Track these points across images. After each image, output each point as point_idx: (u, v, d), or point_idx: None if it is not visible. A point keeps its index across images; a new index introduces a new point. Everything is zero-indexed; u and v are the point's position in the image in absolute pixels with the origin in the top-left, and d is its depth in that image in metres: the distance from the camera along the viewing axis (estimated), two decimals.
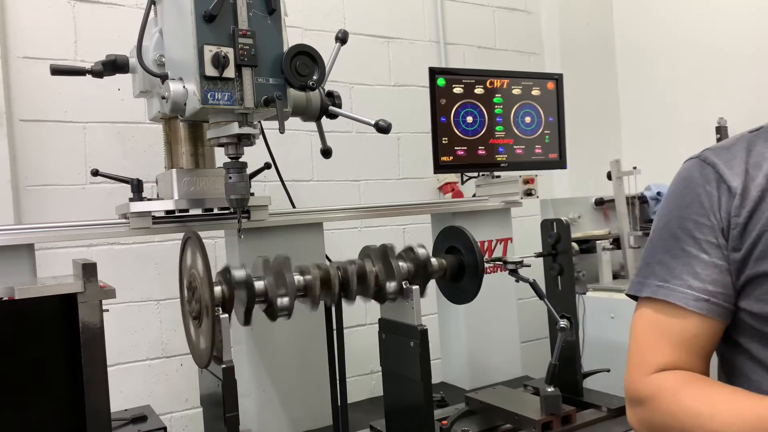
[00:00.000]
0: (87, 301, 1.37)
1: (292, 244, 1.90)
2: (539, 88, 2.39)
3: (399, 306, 1.63)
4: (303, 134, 2.65)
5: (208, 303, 1.34)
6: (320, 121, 1.89)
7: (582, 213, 2.93)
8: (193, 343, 1.50)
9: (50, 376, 1.39)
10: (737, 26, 2.89)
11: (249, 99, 1.43)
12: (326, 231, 2.02)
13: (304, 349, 1.93)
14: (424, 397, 1.56)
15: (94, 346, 1.38)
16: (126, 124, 2.38)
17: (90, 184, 2.30)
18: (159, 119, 1.76)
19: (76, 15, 2.31)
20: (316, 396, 1.87)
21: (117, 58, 1.65)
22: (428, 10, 3.14)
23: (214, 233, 2.44)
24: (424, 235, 2.29)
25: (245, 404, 1.76)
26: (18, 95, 2.20)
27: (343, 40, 1.85)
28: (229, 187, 1.53)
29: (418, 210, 2.27)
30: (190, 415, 2.46)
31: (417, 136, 2.97)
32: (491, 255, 2.29)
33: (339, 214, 2.05)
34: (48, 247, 2.16)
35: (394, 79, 3.02)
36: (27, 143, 2.22)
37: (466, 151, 2.26)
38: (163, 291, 2.43)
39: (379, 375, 1.76)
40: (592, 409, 1.86)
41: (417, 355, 1.55)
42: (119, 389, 2.29)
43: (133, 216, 1.66)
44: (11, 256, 1.54)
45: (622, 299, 2.54)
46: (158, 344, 2.43)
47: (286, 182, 2.15)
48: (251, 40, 1.42)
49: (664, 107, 3.26)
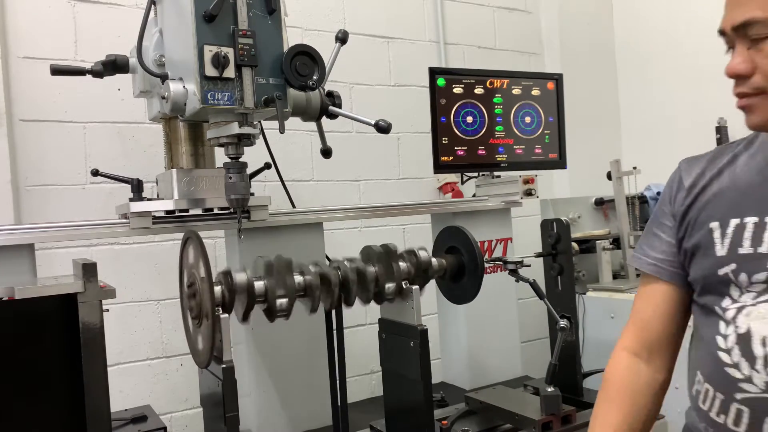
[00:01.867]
0: (87, 301, 1.37)
1: (292, 244, 1.90)
2: (539, 88, 2.39)
3: (399, 306, 1.63)
4: (303, 134, 2.65)
5: (208, 303, 1.34)
6: (320, 121, 1.89)
7: (582, 213, 2.94)
8: (193, 343, 1.50)
9: (50, 376, 1.39)
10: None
11: (249, 99, 1.43)
12: (326, 231, 2.02)
13: (304, 349, 1.93)
14: (424, 397, 1.56)
15: (94, 346, 1.38)
16: (126, 124, 2.38)
17: (90, 184, 2.30)
18: (159, 119, 1.76)
19: (76, 15, 2.31)
20: (316, 396, 1.87)
21: (117, 58, 1.65)
22: (428, 10, 3.14)
23: (214, 233, 2.44)
24: (424, 235, 2.29)
25: (245, 404, 1.76)
26: (18, 95, 2.20)
27: (343, 40, 1.85)
28: (229, 187, 1.53)
29: (418, 210, 2.27)
30: (190, 415, 2.46)
31: (417, 136, 2.97)
32: (491, 255, 2.29)
33: (339, 214, 2.05)
34: (48, 247, 2.16)
35: (394, 79, 3.02)
36: (27, 143, 2.22)
37: (466, 151, 2.26)
38: (163, 291, 2.43)
39: (379, 375, 1.77)
40: (592, 409, 1.85)
41: (417, 355, 1.56)
42: (119, 389, 2.29)
43: (133, 216, 1.66)
44: (11, 256, 1.54)
45: (622, 299, 2.54)
46: (158, 344, 2.43)
47: (286, 182, 2.15)
48: (251, 40, 1.42)
49: (664, 107, 3.26)
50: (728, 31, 0.98)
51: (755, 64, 0.94)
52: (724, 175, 1.08)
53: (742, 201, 1.03)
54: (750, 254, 0.98)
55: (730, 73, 0.97)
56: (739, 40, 0.96)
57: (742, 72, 0.95)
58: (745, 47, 0.96)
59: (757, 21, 0.92)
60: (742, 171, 1.06)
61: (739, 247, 1.00)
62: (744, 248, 0.99)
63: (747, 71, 0.95)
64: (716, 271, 1.02)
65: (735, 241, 1.01)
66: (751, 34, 0.94)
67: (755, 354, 0.95)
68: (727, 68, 0.98)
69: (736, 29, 0.96)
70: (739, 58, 0.96)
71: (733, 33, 0.97)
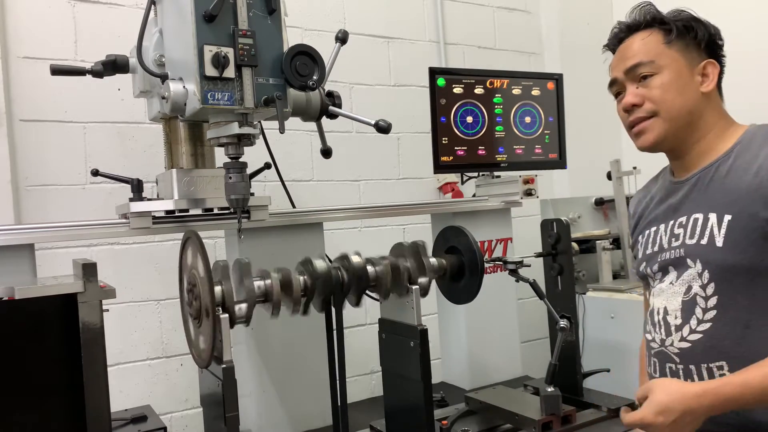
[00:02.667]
0: (87, 301, 1.37)
1: (292, 244, 1.90)
2: (539, 88, 2.39)
3: (399, 306, 1.63)
4: (303, 134, 2.65)
5: (208, 303, 1.34)
6: (320, 121, 1.89)
7: (582, 213, 2.93)
8: (193, 343, 1.50)
9: (50, 376, 1.39)
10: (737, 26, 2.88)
11: (249, 99, 1.43)
12: (326, 231, 2.02)
13: (304, 349, 1.93)
14: (424, 397, 1.56)
15: (94, 346, 1.38)
16: (126, 124, 2.38)
17: (90, 184, 2.30)
18: (159, 119, 1.76)
19: (76, 15, 2.31)
20: (316, 396, 1.87)
21: (117, 58, 1.65)
22: (428, 10, 3.13)
23: (214, 233, 2.44)
24: (424, 235, 2.29)
25: (245, 404, 1.76)
26: (18, 95, 2.20)
27: (343, 40, 1.85)
28: (229, 187, 1.53)
29: (418, 210, 2.27)
30: (190, 415, 2.46)
31: (417, 136, 2.97)
32: (491, 255, 2.29)
33: (339, 214, 2.05)
34: (48, 247, 2.16)
35: (394, 79, 3.02)
36: (27, 143, 2.22)
37: (466, 151, 2.26)
38: (163, 291, 2.43)
39: (379, 375, 1.77)
40: (592, 409, 1.86)
41: (417, 355, 1.56)
42: (119, 389, 2.29)
43: (133, 216, 1.66)
44: (11, 256, 1.54)
45: (622, 299, 2.54)
46: (158, 344, 2.43)
47: (286, 182, 2.15)
48: (251, 40, 1.42)
49: None
50: (620, 77, 1.30)
51: (645, 97, 1.25)
52: (645, 200, 1.43)
53: (652, 216, 1.38)
54: (651, 253, 1.34)
55: (627, 106, 1.27)
56: (629, 83, 1.28)
57: (636, 102, 1.26)
58: (634, 86, 1.27)
59: (643, 63, 1.26)
60: (652, 195, 1.41)
61: (646, 250, 1.36)
62: (649, 250, 1.35)
63: (640, 102, 1.26)
64: (638, 268, 1.40)
65: (644, 246, 1.38)
66: (639, 73, 1.26)
67: (655, 321, 1.30)
68: (623, 103, 1.28)
69: (627, 72, 1.28)
70: (632, 94, 1.27)
71: (624, 76, 1.29)
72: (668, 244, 1.28)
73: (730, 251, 1.16)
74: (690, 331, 1.21)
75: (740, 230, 1.15)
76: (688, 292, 1.22)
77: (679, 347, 1.22)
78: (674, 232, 1.27)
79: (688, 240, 1.23)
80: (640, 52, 1.26)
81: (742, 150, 1.21)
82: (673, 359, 1.24)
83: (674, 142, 1.26)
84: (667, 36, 1.26)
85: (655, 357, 1.29)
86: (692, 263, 1.21)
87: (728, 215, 1.17)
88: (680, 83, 1.23)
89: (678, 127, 1.24)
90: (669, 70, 1.24)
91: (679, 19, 1.28)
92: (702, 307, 1.20)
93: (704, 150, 1.25)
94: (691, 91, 1.24)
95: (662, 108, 1.23)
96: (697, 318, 1.20)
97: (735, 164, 1.20)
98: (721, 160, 1.23)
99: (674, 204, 1.30)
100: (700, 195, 1.24)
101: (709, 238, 1.19)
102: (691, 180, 1.27)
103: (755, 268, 1.14)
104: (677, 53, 1.25)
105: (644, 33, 1.28)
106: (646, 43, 1.27)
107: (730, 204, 1.18)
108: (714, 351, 1.17)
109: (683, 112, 1.23)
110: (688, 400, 1.10)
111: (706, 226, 1.20)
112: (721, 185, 1.21)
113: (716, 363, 1.17)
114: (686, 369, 1.21)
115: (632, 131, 1.30)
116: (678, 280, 1.24)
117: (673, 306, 1.24)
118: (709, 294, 1.19)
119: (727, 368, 1.16)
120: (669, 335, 1.25)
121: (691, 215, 1.24)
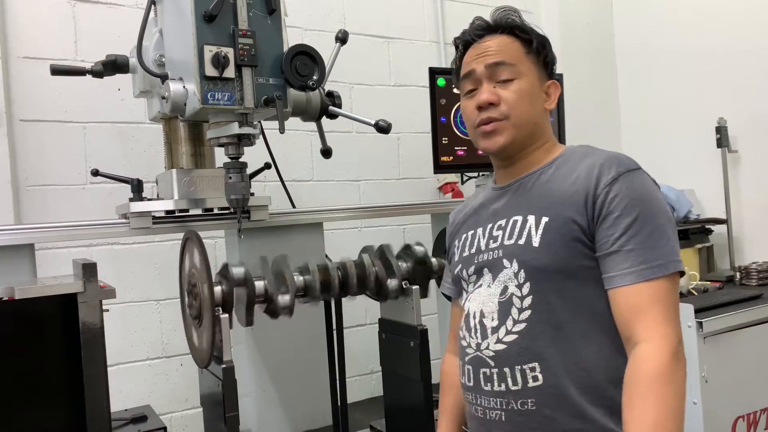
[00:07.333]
0: (87, 301, 1.37)
1: (292, 244, 1.90)
2: None
3: (399, 306, 1.64)
4: (303, 134, 2.65)
5: (208, 303, 1.34)
6: (320, 121, 1.89)
7: None
8: (193, 343, 1.51)
9: (50, 376, 1.40)
10: (737, 26, 2.89)
11: (249, 99, 1.43)
12: (326, 231, 2.02)
13: (304, 349, 1.93)
14: (424, 397, 1.56)
15: (94, 346, 1.38)
16: (126, 124, 2.38)
17: (90, 184, 2.30)
18: (159, 119, 1.76)
19: (76, 15, 2.31)
20: (316, 396, 1.87)
21: (117, 58, 1.65)
22: (428, 10, 3.13)
23: (214, 233, 2.44)
24: (424, 235, 2.29)
25: (245, 404, 1.77)
26: (18, 95, 2.20)
27: (343, 40, 1.85)
28: (229, 187, 1.53)
29: (418, 210, 2.27)
30: (190, 415, 2.46)
31: (417, 136, 2.97)
32: None
33: (339, 214, 2.05)
34: (48, 247, 2.16)
35: (394, 79, 3.02)
36: (27, 143, 2.22)
37: (466, 151, 2.26)
38: (163, 291, 2.43)
39: (379, 375, 1.77)
40: None
41: (417, 355, 1.56)
42: (119, 389, 2.29)
43: (133, 216, 1.66)
44: (11, 256, 1.54)
45: None
46: (158, 344, 2.43)
47: (286, 182, 2.15)
48: (251, 40, 1.42)
49: (663, 107, 3.25)
50: (480, 71, 1.26)
51: (501, 97, 1.23)
52: (465, 210, 1.43)
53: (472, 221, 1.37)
54: (467, 255, 1.31)
55: (483, 103, 1.24)
56: (487, 80, 1.25)
57: (492, 100, 1.23)
58: (491, 85, 1.25)
59: (506, 63, 1.25)
60: (473, 204, 1.40)
61: (463, 252, 1.33)
62: (466, 252, 1.32)
63: (496, 100, 1.23)
64: (453, 271, 1.36)
65: (461, 249, 1.35)
66: (500, 74, 1.24)
67: (471, 325, 1.25)
68: (480, 100, 1.24)
69: (488, 67, 1.25)
70: (488, 92, 1.24)
71: (484, 71, 1.26)
72: (486, 245, 1.28)
73: (545, 251, 1.18)
74: (506, 332, 1.20)
75: (556, 232, 1.17)
76: (504, 292, 1.21)
77: (495, 350, 1.20)
78: (493, 234, 1.28)
79: (506, 241, 1.24)
80: (503, 52, 1.26)
81: (562, 163, 1.25)
82: (488, 363, 1.22)
83: (515, 149, 1.28)
84: (527, 47, 1.28)
85: (469, 364, 1.25)
86: (509, 263, 1.22)
87: (546, 217, 1.19)
88: (533, 93, 1.26)
89: (523, 135, 1.26)
90: (527, 79, 1.26)
91: (536, 36, 1.31)
92: (518, 307, 1.19)
93: (532, 161, 1.28)
94: (539, 104, 1.28)
95: (514, 113, 1.24)
96: (513, 318, 1.19)
97: (556, 174, 1.24)
98: (543, 169, 1.27)
99: (495, 208, 1.31)
100: (522, 198, 1.27)
101: (526, 238, 1.20)
102: (513, 185, 1.30)
103: (567, 270, 1.16)
104: (533, 65, 1.28)
105: (506, 38, 1.29)
106: (509, 46, 1.28)
107: (548, 207, 1.20)
108: (528, 352, 1.17)
109: (531, 122, 1.26)
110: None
111: (524, 227, 1.22)
112: (541, 190, 1.24)
113: (529, 365, 1.16)
114: (500, 372, 1.19)
115: (480, 129, 1.27)
116: (495, 281, 1.24)
117: (489, 308, 1.23)
118: (524, 294, 1.19)
119: (539, 369, 1.16)
120: (485, 338, 1.22)
121: (511, 218, 1.26)
